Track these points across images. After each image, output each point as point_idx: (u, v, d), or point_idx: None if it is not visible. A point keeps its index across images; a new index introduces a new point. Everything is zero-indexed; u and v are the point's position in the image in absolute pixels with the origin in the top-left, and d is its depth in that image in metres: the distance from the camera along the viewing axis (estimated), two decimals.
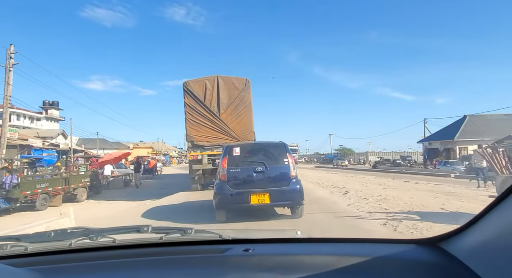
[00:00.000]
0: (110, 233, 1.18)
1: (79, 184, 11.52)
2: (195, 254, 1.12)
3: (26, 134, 28.21)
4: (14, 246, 1.09)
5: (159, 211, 7.61)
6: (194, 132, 10.59)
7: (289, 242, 1.27)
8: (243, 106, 11.02)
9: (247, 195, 5.57)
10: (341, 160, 42.77)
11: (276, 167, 5.85)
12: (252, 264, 1.02)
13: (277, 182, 5.74)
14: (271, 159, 5.92)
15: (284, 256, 1.07)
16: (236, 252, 1.10)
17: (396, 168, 30.51)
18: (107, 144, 48.31)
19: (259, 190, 5.60)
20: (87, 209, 9.18)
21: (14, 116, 50.92)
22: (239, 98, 10.97)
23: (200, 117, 10.64)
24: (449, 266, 0.91)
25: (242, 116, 11.00)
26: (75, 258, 1.08)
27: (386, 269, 0.96)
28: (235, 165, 5.83)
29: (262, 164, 5.82)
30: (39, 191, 9.36)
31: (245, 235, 1.38)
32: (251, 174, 5.74)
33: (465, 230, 0.94)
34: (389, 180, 15.69)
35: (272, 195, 5.58)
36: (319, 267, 0.96)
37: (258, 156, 6.05)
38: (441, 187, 11.69)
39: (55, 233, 1.16)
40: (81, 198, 11.40)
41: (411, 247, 1.07)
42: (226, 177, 5.71)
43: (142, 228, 1.17)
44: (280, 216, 6.15)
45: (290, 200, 5.78)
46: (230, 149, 6.06)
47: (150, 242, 1.16)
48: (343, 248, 1.15)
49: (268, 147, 6.30)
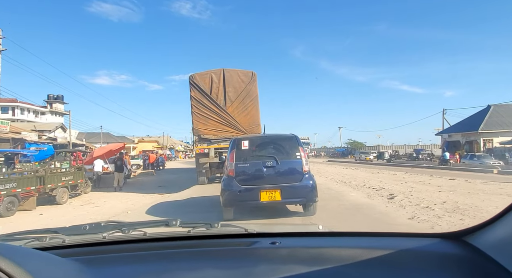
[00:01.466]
0: (141, 226, 1.27)
1: (59, 183, 10.09)
2: (222, 247, 1.17)
3: (21, 127, 27.34)
4: (52, 238, 1.18)
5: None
6: (200, 126, 10.77)
7: (313, 235, 1.32)
8: (250, 99, 11.16)
9: (256, 191, 5.31)
10: (365, 154, 39.27)
11: (287, 161, 5.57)
12: (280, 256, 1.06)
13: (289, 178, 5.47)
14: (282, 153, 5.65)
15: (310, 249, 1.10)
16: (264, 244, 1.14)
17: (413, 162, 29.02)
18: (111, 138, 48.34)
19: (269, 186, 5.32)
20: (63, 215, 8.12)
21: (18, 110, 51.54)
22: (245, 91, 11.10)
23: (206, 110, 10.81)
24: (474, 259, 0.92)
25: (249, 109, 11.16)
26: (109, 250, 1.14)
27: (411, 262, 0.98)
28: (244, 159, 5.55)
29: (272, 158, 5.53)
30: (2, 193, 8.08)
31: (269, 229, 1.42)
32: (261, 169, 5.45)
33: (492, 224, 0.94)
34: (425, 177, 13.55)
35: (283, 191, 5.30)
36: (345, 259, 0.98)
37: (268, 149, 5.77)
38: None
39: (90, 226, 1.25)
40: (61, 200, 9.98)
41: (436, 241, 1.09)
42: (234, 172, 5.45)
43: (171, 221, 1.25)
44: (293, 214, 6.02)
45: (303, 196, 5.48)
46: (239, 142, 5.76)
47: (179, 235, 1.23)
48: (367, 241, 1.19)
49: (278, 140, 5.96)
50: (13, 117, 47.61)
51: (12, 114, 50.11)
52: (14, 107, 50.25)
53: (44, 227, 5.55)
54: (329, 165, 27.18)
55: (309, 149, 50.51)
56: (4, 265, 0.63)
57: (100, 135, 46.23)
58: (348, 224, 5.31)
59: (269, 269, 0.95)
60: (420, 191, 9.05)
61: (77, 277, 0.82)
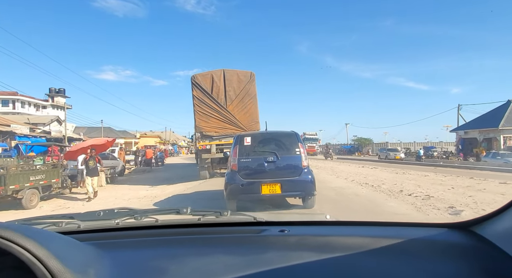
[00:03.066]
0: (153, 213, 1.34)
1: (26, 184, 8.51)
2: (232, 234, 1.23)
3: (14, 120, 26.41)
4: (68, 223, 1.25)
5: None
6: (203, 124, 11.67)
7: (321, 224, 1.37)
8: (249, 98, 12.03)
9: (258, 185, 5.69)
10: (395, 152, 34.85)
11: (287, 157, 5.96)
12: (289, 243, 1.11)
13: (289, 172, 5.86)
14: (282, 149, 6.04)
15: (318, 237, 1.15)
16: (273, 232, 1.19)
17: (428, 160, 27.98)
18: (112, 133, 47.83)
19: (270, 180, 5.70)
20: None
21: (18, 103, 51.28)
22: (244, 90, 11.95)
23: (208, 109, 11.68)
24: (482, 249, 0.95)
25: (248, 107, 12.03)
26: (122, 235, 1.21)
27: (418, 251, 1.01)
28: (246, 154, 5.96)
29: (273, 153, 5.92)
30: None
31: (277, 218, 1.48)
32: (262, 164, 5.85)
33: (499, 214, 0.96)
34: (465, 179, 11.75)
35: (283, 185, 5.67)
36: (353, 247, 1.02)
37: (269, 145, 6.15)
38: None
39: (103, 212, 1.32)
40: (28, 204, 8.44)
41: (443, 231, 1.12)
42: (237, 167, 5.88)
43: (181, 209, 1.32)
44: (292, 207, 6.38)
45: (302, 190, 5.88)
46: (241, 139, 6.17)
47: (189, 222, 1.30)
48: (375, 230, 1.21)
49: (279, 137, 6.37)
50: (14, 111, 47.80)
51: (12, 107, 49.38)
52: (14, 100, 50.28)
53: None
54: (341, 163, 25.65)
55: (317, 145, 50.13)
56: (30, 246, 0.67)
57: (101, 129, 46.22)
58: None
59: (278, 255, 0.99)
60: (488, 202, 6.88)
61: (96, 260, 0.87)
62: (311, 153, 46.36)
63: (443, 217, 4.64)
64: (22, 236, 0.67)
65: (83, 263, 0.78)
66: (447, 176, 13.23)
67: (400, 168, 18.72)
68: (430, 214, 5.90)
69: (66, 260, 0.70)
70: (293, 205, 6.45)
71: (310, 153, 45.90)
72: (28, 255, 0.66)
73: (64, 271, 0.67)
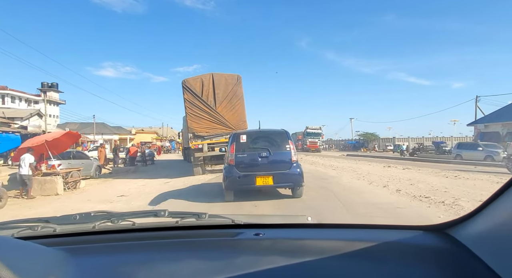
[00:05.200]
0: (130, 217, 1.36)
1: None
2: (208, 237, 1.26)
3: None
4: (44, 227, 1.27)
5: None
6: (194, 125, 12.91)
7: (299, 227, 1.42)
8: (237, 100, 13.31)
9: (253, 177, 6.68)
10: (444, 145, 31.49)
11: (278, 153, 6.96)
12: (262, 247, 1.15)
13: (280, 166, 6.84)
14: (274, 145, 7.02)
15: (293, 240, 1.19)
16: (248, 236, 1.23)
17: (443, 156, 26.72)
18: (106, 129, 48.63)
19: (263, 173, 6.70)
20: None
21: (8, 98, 50.47)
22: (232, 92, 13.22)
23: (199, 111, 12.95)
24: (455, 252, 0.98)
25: (236, 108, 13.39)
26: (98, 239, 1.25)
27: (392, 254, 1.05)
28: (242, 150, 6.94)
29: (266, 149, 6.89)
30: None
31: (257, 220, 1.53)
32: (257, 159, 6.84)
33: (473, 217, 0.99)
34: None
35: (275, 177, 6.68)
36: (327, 251, 1.05)
37: (263, 142, 7.12)
38: None
39: (80, 216, 1.33)
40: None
41: (418, 233, 1.16)
42: (234, 162, 6.86)
43: (159, 212, 1.34)
44: (283, 197, 7.25)
45: (292, 181, 6.93)
46: (238, 136, 7.17)
47: (167, 225, 1.33)
48: (351, 233, 1.26)
49: (271, 134, 7.42)
50: (3, 106, 47.12)
51: (1, 102, 48.05)
52: (4, 95, 49.17)
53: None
54: (356, 161, 22.78)
55: (320, 141, 47.67)
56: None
57: (99, 125, 46.02)
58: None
59: (250, 260, 1.04)
60: None
61: (59, 266, 0.87)
62: (312, 149, 44.24)
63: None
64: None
65: (42, 271, 0.80)
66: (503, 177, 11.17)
67: (438, 168, 15.41)
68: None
69: (21, 270, 0.72)
70: (283, 195, 7.50)
71: (312, 149, 43.99)
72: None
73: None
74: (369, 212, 5.91)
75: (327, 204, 6.71)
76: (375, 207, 6.35)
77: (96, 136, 39.26)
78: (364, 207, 6.41)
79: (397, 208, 5.99)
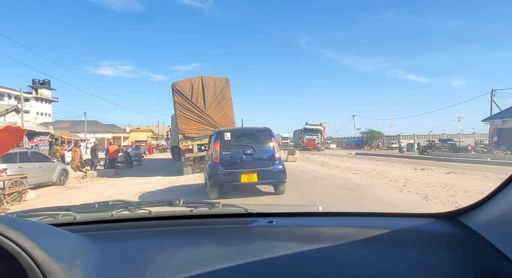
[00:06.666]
0: (146, 206, 1.47)
1: None
2: (222, 225, 1.33)
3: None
4: (65, 215, 1.37)
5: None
6: (184, 126, 13.56)
7: (311, 215, 1.46)
8: (225, 102, 14.05)
9: (237, 174, 6.99)
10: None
11: (262, 150, 7.28)
12: (275, 234, 1.20)
13: (264, 163, 7.18)
14: (258, 143, 7.33)
15: (306, 227, 1.24)
16: (261, 223, 1.29)
17: (457, 154, 25.32)
18: (98, 127, 47.20)
19: (248, 170, 7.01)
20: None
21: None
22: (221, 94, 13.94)
23: (189, 113, 13.60)
24: (467, 239, 1.01)
25: (225, 110, 14.13)
26: (116, 227, 1.33)
27: (404, 241, 1.07)
28: (227, 148, 7.19)
29: (250, 147, 7.19)
30: None
31: (269, 210, 1.58)
32: (241, 156, 7.12)
33: (484, 204, 1.02)
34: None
35: (259, 174, 7.01)
36: (339, 238, 1.09)
37: (247, 140, 7.40)
38: None
39: (98, 204, 1.44)
40: None
41: (430, 221, 1.19)
42: (218, 159, 7.12)
43: (174, 201, 1.44)
44: (265, 194, 7.58)
45: (275, 178, 7.30)
46: (222, 134, 7.39)
47: (182, 214, 1.42)
48: (363, 221, 1.30)
49: (255, 132, 7.68)
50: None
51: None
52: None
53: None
54: (373, 161, 19.86)
55: (318, 139, 44.06)
56: (16, 237, 0.72)
57: (91, 123, 44.44)
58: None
59: (265, 246, 1.08)
60: None
61: (85, 251, 0.93)
62: (310, 147, 41.59)
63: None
64: (9, 228, 0.73)
65: (70, 254, 0.85)
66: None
67: (479, 170, 13.42)
68: None
69: (52, 251, 0.76)
70: (266, 192, 7.89)
71: (309, 147, 41.28)
72: (14, 246, 0.71)
73: (49, 261, 0.73)
74: None
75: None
76: None
77: (87, 135, 37.88)
78: None
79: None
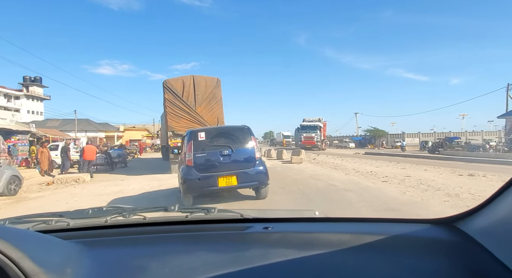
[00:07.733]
0: (141, 211, 1.45)
1: None
2: (218, 231, 1.33)
3: None
4: (58, 221, 1.36)
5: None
6: (174, 124, 13.94)
7: (307, 221, 1.47)
8: (215, 101, 14.51)
9: (214, 178, 6.28)
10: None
11: (241, 150, 6.63)
12: (271, 240, 1.20)
13: (243, 164, 6.55)
14: (236, 142, 6.69)
15: (302, 234, 1.24)
16: (257, 229, 1.28)
17: (473, 153, 24.26)
18: (90, 125, 45.72)
19: (226, 172, 6.34)
20: None
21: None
22: (211, 94, 14.44)
23: (179, 110, 13.99)
24: (463, 245, 1.01)
25: (215, 109, 14.61)
26: (110, 233, 1.32)
27: (401, 247, 1.08)
28: (201, 149, 6.51)
29: (228, 147, 6.54)
30: None
31: (265, 215, 1.58)
32: (218, 158, 6.46)
33: (481, 210, 1.02)
34: None
35: (239, 176, 6.32)
36: (335, 244, 1.09)
37: (223, 139, 6.75)
38: None
39: (92, 210, 1.43)
40: None
41: (426, 227, 1.19)
42: (192, 162, 6.41)
43: (169, 207, 1.45)
44: (246, 198, 6.99)
45: (257, 180, 6.61)
46: (195, 134, 6.67)
47: (177, 220, 1.41)
48: (359, 227, 1.31)
49: (232, 131, 7.06)
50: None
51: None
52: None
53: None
54: (394, 163, 17.78)
55: (317, 136, 40.93)
56: (3, 247, 0.71)
57: (82, 122, 43.07)
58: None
59: (260, 252, 1.08)
60: None
61: (77, 259, 0.92)
62: (308, 146, 38.21)
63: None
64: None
65: (60, 263, 0.84)
66: None
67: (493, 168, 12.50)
68: None
69: (41, 261, 0.76)
70: (246, 196, 7.27)
71: (308, 146, 38.00)
72: (1, 256, 0.70)
73: (38, 272, 0.72)
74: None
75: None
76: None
77: (78, 134, 36.78)
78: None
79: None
